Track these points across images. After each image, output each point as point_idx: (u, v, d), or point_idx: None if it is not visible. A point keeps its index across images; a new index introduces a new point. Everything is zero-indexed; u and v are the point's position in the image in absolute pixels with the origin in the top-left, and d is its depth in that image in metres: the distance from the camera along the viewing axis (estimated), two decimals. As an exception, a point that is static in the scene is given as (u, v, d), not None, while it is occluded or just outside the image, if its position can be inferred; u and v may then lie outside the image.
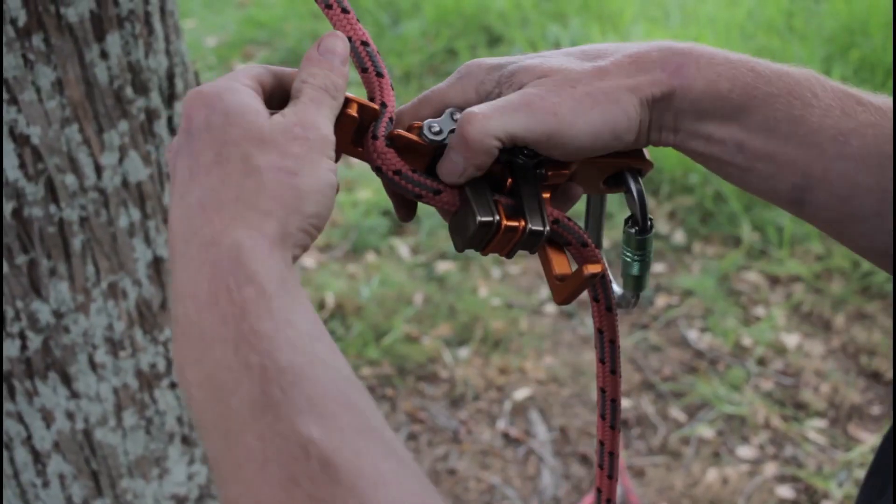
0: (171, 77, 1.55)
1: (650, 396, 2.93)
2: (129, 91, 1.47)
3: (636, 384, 2.98)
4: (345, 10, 0.80)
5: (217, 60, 5.21)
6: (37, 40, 1.35)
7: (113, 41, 1.43)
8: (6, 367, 1.52)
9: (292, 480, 0.55)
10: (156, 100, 1.52)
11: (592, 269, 0.79)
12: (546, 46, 4.76)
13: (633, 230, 0.85)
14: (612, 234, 3.50)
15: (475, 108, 0.75)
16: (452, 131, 0.78)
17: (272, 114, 0.71)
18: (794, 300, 3.24)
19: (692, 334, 3.14)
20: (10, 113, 1.36)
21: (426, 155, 0.79)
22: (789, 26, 4.66)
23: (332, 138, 0.72)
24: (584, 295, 0.86)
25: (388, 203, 3.78)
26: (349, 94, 0.78)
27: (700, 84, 0.76)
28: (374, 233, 3.66)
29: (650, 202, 3.69)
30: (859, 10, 4.45)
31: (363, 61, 0.81)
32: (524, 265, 3.56)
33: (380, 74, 0.81)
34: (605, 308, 0.87)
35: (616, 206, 3.58)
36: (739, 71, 0.76)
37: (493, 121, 0.74)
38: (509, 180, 0.79)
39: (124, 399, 1.62)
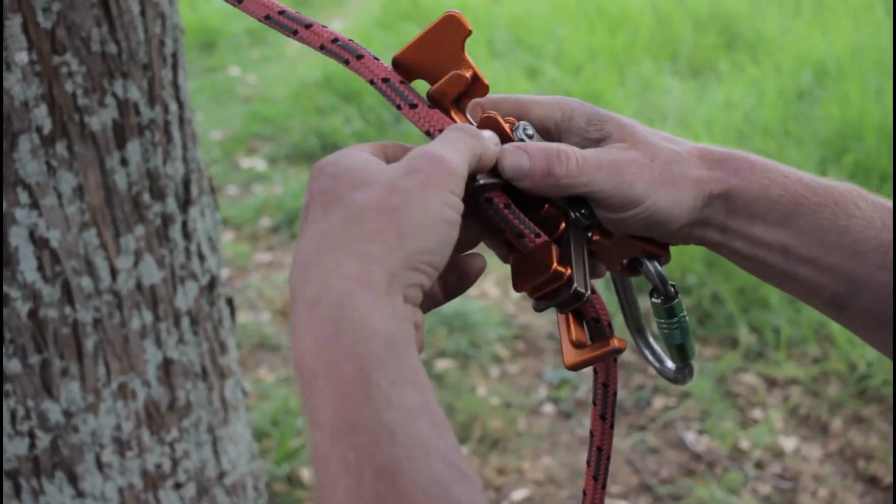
0: (187, 183, 1.60)
1: (648, 499, 2.93)
2: (146, 197, 1.52)
3: (633, 486, 2.98)
4: (359, 57, 0.80)
5: (221, 154, 5.29)
6: (60, 147, 1.40)
7: (133, 149, 1.48)
8: (14, 465, 1.54)
9: None
10: (171, 205, 1.57)
11: (619, 343, 0.78)
12: (545, 146, 4.84)
13: (658, 300, 0.85)
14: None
15: (570, 150, 0.77)
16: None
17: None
18: (792, 403, 3.25)
19: (690, 436, 3.15)
20: (31, 217, 1.40)
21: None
22: (785, 130, 4.76)
23: (461, 172, 0.70)
24: (584, 396, 0.88)
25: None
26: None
27: (755, 188, 0.79)
28: (375, 329, 3.68)
29: (646, 303, 3.73)
30: (852, 115, 4.54)
31: (406, 97, 0.80)
32: (522, 364, 3.58)
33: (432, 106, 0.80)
34: (599, 415, 0.87)
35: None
36: (790, 180, 0.80)
37: (583, 175, 0.77)
38: (562, 225, 0.80)
39: (129, 499, 1.63)
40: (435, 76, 0.80)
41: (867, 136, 4.37)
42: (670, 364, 0.90)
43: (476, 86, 0.80)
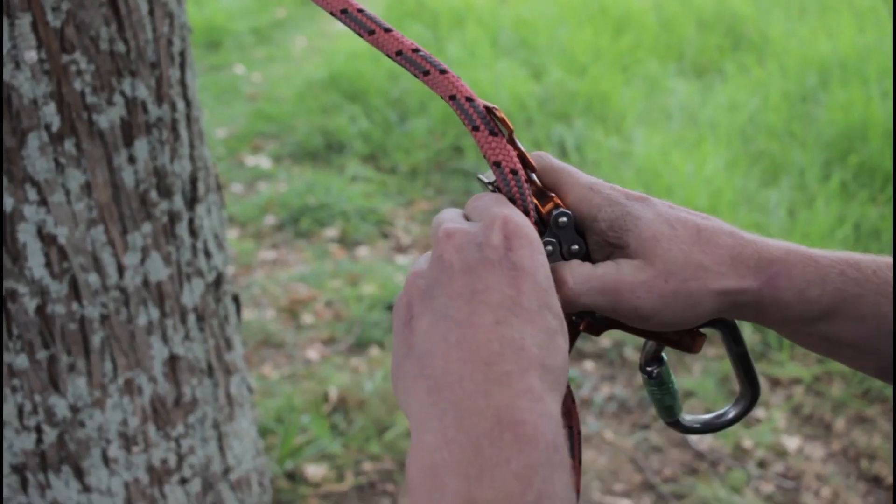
0: (193, 181, 1.61)
1: (651, 498, 2.94)
2: (153, 194, 1.53)
3: (636, 485, 2.99)
4: (443, 71, 0.78)
5: (226, 152, 5.31)
6: (69, 145, 1.41)
7: (141, 146, 1.49)
8: (21, 459, 1.55)
9: None
10: (178, 203, 1.58)
11: None
12: (550, 146, 4.86)
13: (654, 369, 0.88)
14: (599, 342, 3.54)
15: (570, 278, 0.77)
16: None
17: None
18: (795, 403, 3.26)
19: (693, 436, 3.16)
20: (39, 214, 1.42)
21: None
22: (789, 131, 4.76)
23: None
24: (587, 394, 0.89)
25: (392, 297, 3.82)
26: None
27: (790, 295, 0.78)
28: (378, 327, 3.70)
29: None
30: (857, 116, 4.55)
31: (472, 119, 0.78)
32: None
33: (493, 133, 0.78)
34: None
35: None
36: (829, 276, 0.78)
37: (581, 297, 0.76)
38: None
39: (135, 494, 1.64)
40: None
41: (871, 138, 4.38)
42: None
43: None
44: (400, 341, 0.69)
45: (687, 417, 0.91)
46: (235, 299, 1.83)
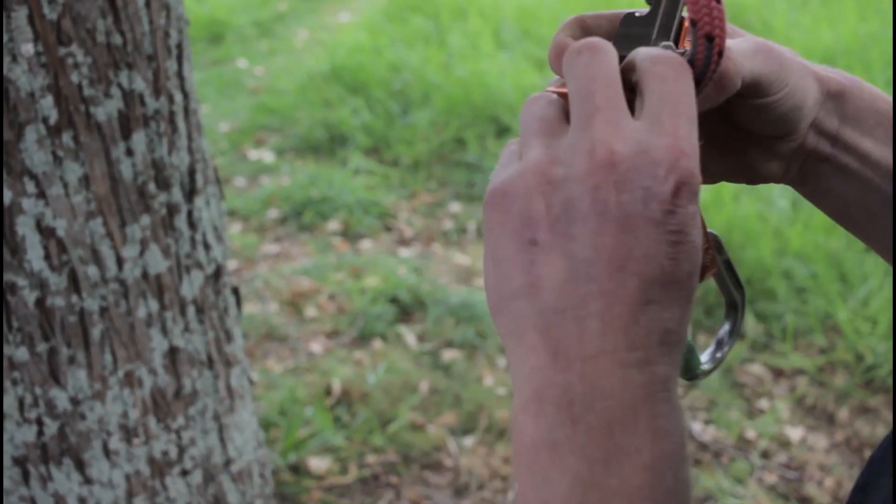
0: (192, 173, 1.61)
1: (654, 488, 2.94)
2: (151, 187, 1.53)
3: (640, 475, 2.99)
4: None
5: (229, 146, 5.31)
6: (66, 137, 1.41)
7: (138, 139, 1.49)
8: (22, 452, 1.55)
9: None
10: (177, 195, 1.58)
11: None
12: (553, 138, 4.85)
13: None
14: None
15: (730, 43, 0.66)
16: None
17: None
18: (798, 393, 3.26)
19: (696, 426, 3.16)
20: (37, 206, 1.42)
21: None
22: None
23: None
24: None
25: (395, 290, 3.83)
26: None
27: (866, 96, 0.73)
28: (381, 320, 3.70)
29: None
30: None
31: None
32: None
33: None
34: None
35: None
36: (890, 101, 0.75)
37: (746, 61, 0.67)
38: None
39: (136, 486, 1.65)
40: None
41: (875, 127, 4.37)
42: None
43: None
44: (516, 267, 0.58)
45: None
46: (235, 291, 1.83)
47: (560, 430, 0.55)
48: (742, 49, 0.68)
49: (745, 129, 0.74)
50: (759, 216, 3.89)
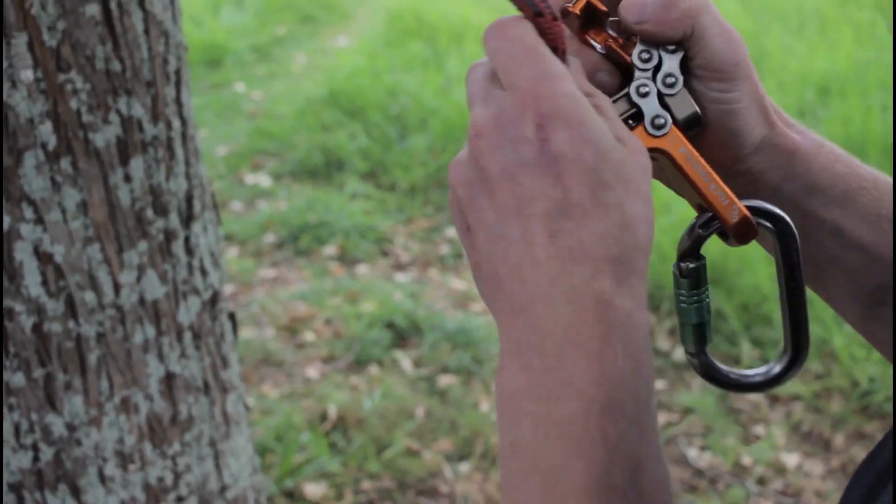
0: (189, 199, 1.62)
1: (650, 515, 2.93)
2: (149, 213, 1.54)
3: (636, 502, 2.98)
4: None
5: (227, 170, 5.32)
6: (65, 163, 1.42)
7: (136, 165, 1.50)
8: (17, 478, 1.55)
9: None
10: (174, 221, 1.59)
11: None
12: (549, 163, 4.86)
13: (692, 265, 0.75)
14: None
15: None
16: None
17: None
18: (794, 419, 3.26)
19: (692, 452, 3.15)
20: (35, 232, 1.42)
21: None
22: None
23: None
24: None
25: (391, 315, 3.83)
26: None
27: (821, 158, 0.75)
28: (378, 345, 3.70)
29: (650, 319, 3.74)
30: (855, 132, 4.56)
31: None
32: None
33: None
34: None
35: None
36: (854, 162, 0.76)
37: (701, 16, 0.70)
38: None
39: (131, 512, 1.64)
40: None
41: (871, 153, 4.39)
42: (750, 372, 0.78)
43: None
44: (467, 250, 0.65)
45: (720, 366, 0.77)
46: (231, 317, 1.83)
47: (515, 381, 0.60)
48: (711, 18, 0.70)
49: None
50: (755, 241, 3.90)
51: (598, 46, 0.73)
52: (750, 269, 3.73)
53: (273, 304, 4.00)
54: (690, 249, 0.74)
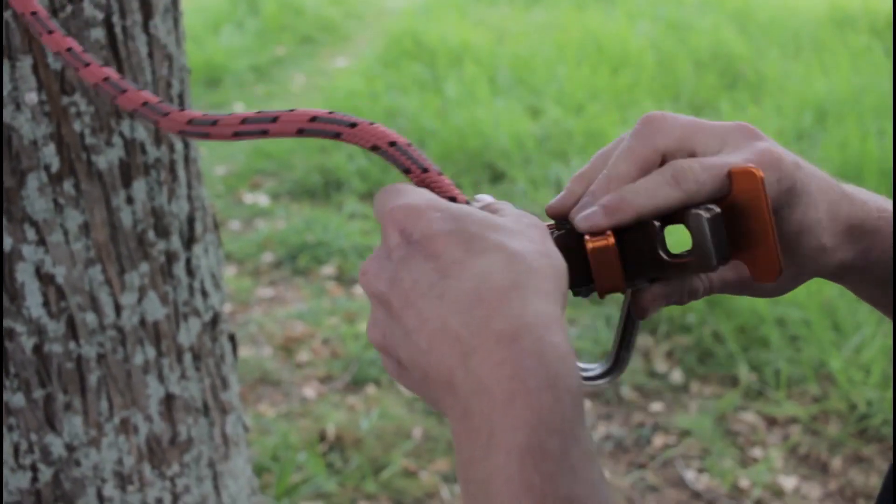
0: (191, 221, 1.62)
1: (648, 537, 2.93)
2: (151, 234, 1.54)
3: (634, 524, 2.98)
4: (352, 125, 0.79)
5: (225, 189, 5.33)
6: (68, 185, 1.43)
7: (139, 187, 1.51)
8: (16, 498, 1.55)
9: None
10: (176, 243, 1.59)
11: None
12: (548, 184, 4.88)
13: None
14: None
15: (686, 162, 0.75)
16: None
17: None
18: (792, 442, 3.26)
19: (689, 475, 3.15)
20: (37, 253, 1.43)
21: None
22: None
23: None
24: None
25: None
26: None
27: (879, 263, 0.79)
28: (375, 365, 3.70)
29: (648, 341, 3.75)
30: (852, 156, 4.58)
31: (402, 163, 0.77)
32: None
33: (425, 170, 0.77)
34: None
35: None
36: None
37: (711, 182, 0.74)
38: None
39: (129, 533, 1.64)
40: None
41: (867, 178, 4.40)
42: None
43: None
44: (405, 384, 0.69)
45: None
46: (231, 338, 1.83)
47: (456, 453, 0.62)
48: (715, 163, 0.74)
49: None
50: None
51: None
52: (747, 291, 3.73)
53: (270, 323, 4.00)
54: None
